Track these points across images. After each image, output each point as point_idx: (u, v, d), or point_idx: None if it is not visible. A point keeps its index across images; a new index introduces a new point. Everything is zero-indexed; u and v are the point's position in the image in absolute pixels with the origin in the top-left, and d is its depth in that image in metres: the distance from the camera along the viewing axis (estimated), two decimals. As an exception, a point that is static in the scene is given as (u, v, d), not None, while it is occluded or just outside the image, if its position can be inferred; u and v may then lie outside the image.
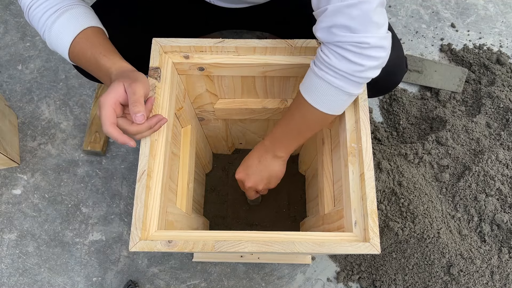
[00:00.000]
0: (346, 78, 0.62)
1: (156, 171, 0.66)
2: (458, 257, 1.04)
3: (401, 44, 0.86)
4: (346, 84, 0.63)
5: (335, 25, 0.59)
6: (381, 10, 0.59)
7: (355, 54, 0.59)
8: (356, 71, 0.61)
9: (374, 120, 1.31)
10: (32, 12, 0.72)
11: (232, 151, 1.27)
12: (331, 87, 0.64)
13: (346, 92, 0.64)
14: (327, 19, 0.60)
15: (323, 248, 0.61)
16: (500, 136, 1.20)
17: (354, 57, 0.60)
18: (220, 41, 0.73)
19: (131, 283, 1.10)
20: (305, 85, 0.68)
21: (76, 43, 0.70)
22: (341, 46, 0.60)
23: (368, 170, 0.65)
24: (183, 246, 0.60)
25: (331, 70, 0.62)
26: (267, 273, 1.14)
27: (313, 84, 0.66)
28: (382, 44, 0.60)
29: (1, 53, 1.39)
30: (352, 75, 0.62)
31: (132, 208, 1.18)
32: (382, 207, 1.09)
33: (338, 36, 0.59)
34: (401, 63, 0.85)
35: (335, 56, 0.61)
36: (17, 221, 1.19)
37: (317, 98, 0.67)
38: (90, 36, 0.70)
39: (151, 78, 0.70)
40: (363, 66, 0.60)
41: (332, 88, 0.64)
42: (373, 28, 0.58)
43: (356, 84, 0.64)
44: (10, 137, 1.22)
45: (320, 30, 0.62)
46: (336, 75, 0.62)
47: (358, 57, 0.60)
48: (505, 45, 1.43)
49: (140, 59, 0.78)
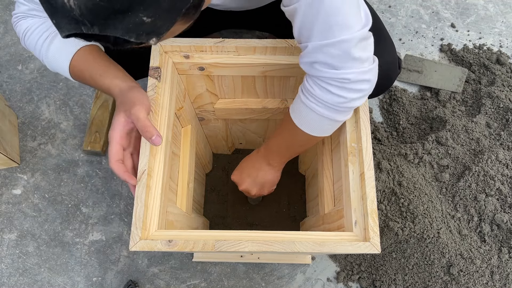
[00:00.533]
0: (331, 108, 0.64)
1: (157, 170, 0.66)
2: (458, 257, 1.04)
3: (394, 47, 0.87)
4: (331, 113, 0.65)
5: (316, 61, 0.61)
6: (364, 44, 0.60)
7: (338, 87, 0.61)
8: (339, 103, 0.63)
9: (374, 120, 1.31)
10: (28, 39, 0.72)
11: (232, 151, 1.28)
12: (316, 115, 0.66)
13: (333, 119, 0.67)
14: (308, 55, 0.61)
15: (323, 247, 0.61)
16: (500, 136, 1.20)
17: (337, 90, 0.61)
18: (220, 41, 0.73)
19: (131, 283, 1.10)
20: (293, 108, 0.71)
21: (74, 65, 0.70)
22: (323, 80, 0.62)
23: (368, 170, 0.65)
24: (183, 246, 0.60)
25: (316, 100, 0.64)
26: (267, 273, 1.14)
27: (300, 110, 0.69)
28: (364, 78, 0.61)
29: (1, 53, 1.39)
30: (337, 106, 0.64)
31: (132, 208, 1.18)
32: (382, 207, 1.09)
33: (320, 71, 0.61)
34: (394, 67, 0.86)
35: (319, 88, 0.63)
36: (17, 221, 1.19)
37: (304, 122, 0.69)
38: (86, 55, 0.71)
39: (152, 78, 0.70)
40: (346, 98, 0.62)
41: (318, 116, 0.66)
42: (354, 64, 0.59)
43: (341, 112, 0.66)
44: (10, 137, 1.22)
45: (303, 64, 0.64)
46: (321, 105, 0.64)
47: (341, 91, 0.61)
48: (505, 45, 1.43)
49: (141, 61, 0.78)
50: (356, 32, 0.57)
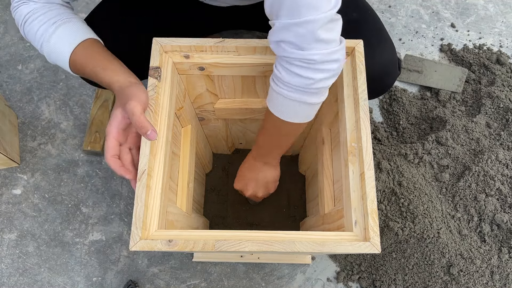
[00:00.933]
0: (300, 90, 0.64)
1: (157, 170, 0.66)
2: (458, 257, 1.04)
3: (394, 48, 0.86)
4: (302, 95, 0.65)
5: (283, 40, 0.60)
6: (331, 26, 0.59)
7: (304, 68, 0.61)
8: (308, 84, 0.63)
9: (374, 120, 1.31)
10: (28, 26, 0.71)
11: (232, 151, 1.28)
12: (289, 100, 0.66)
13: (305, 102, 0.66)
14: (276, 34, 0.61)
15: (323, 247, 0.61)
16: (500, 136, 1.20)
17: (303, 71, 0.61)
18: (221, 40, 0.73)
19: (131, 283, 1.10)
20: (268, 98, 0.71)
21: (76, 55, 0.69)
22: (289, 61, 0.61)
23: (368, 170, 0.65)
24: (184, 246, 0.60)
25: (284, 85, 0.64)
26: (267, 273, 1.14)
27: (273, 98, 0.68)
28: (331, 58, 0.61)
29: (1, 53, 1.39)
30: (305, 88, 0.63)
31: (132, 208, 1.18)
32: (382, 207, 1.09)
33: (286, 51, 0.61)
34: (394, 68, 0.86)
35: (286, 72, 0.63)
36: (17, 221, 1.19)
37: (280, 110, 0.69)
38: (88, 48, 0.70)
39: (152, 78, 0.70)
40: (313, 79, 0.62)
41: (290, 100, 0.66)
42: (319, 45, 0.59)
43: (313, 94, 0.65)
44: (10, 137, 1.22)
45: (271, 43, 0.63)
46: (290, 89, 0.64)
47: (307, 71, 0.61)
48: (505, 45, 1.43)
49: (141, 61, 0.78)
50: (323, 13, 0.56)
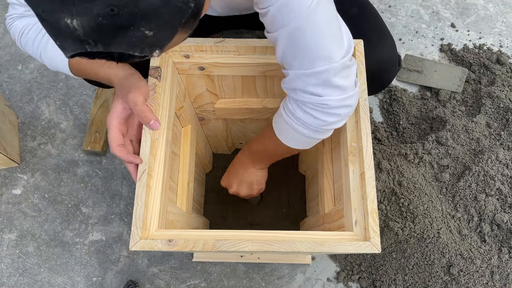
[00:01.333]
0: (311, 129, 0.67)
1: (157, 170, 0.66)
2: (458, 257, 1.04)
3: (395, 44, 0.87)
4: (313, 133, 0.68)
5: (297, 88, 0.63)
6: (346, 73, 0.62)
7: (319, 112, 0.63)
8: (320, 125, 0.65)
9: (374, 120, 1.31)
10: (25, 37, 0.72)
11: (232, 151, 1.27)
12: (298, 133, 0.69)
13: (312, 137, 0.69)
14: (290, 82, 0.64)
15: (323, 247, 0.60)
16: (500, 136, 1.20)
17: (317, 114, 0.64)
18: (221, 40, 0.73)
19: (131, 283, 1.10)
20: (276, 123, 0.73)
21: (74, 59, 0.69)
22: (305, 104, 0.64)
23: (369, 170, 0.65)
24: (184, 245, 0.60)
25: (297, 120, 0.67)
26: (267, 273, 1.14)
27: (282, 127, 0.71)
28: (345, 103, 0.63)
29: (1, 53, 1.39)
30: (317, 127, 0.66)
31: (132, 208, 1.18)
32: (382, 207, 1.09)
33: (302, 97, 0.63)
34: (394, 63, 0.87)
35: (302, 111, 0.65)
36: (17, 221, 1.19)
37: (286, 136, 0.72)
38: None
39: (152, 78, 0.70)
40: (325, 121, 0.64)
41: (299, 134, 0.69)
42: (335, 91, 0.61)
43: (321, 132, 0.68)
44: (10, 137, 1.21)
45: (286, 89, 0.66)
46: (302, 126, 0.67)
47: (321, 115, 0.64)
48: (505, 45, 1.43)
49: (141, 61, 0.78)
50: (336, 62, 0.59)
